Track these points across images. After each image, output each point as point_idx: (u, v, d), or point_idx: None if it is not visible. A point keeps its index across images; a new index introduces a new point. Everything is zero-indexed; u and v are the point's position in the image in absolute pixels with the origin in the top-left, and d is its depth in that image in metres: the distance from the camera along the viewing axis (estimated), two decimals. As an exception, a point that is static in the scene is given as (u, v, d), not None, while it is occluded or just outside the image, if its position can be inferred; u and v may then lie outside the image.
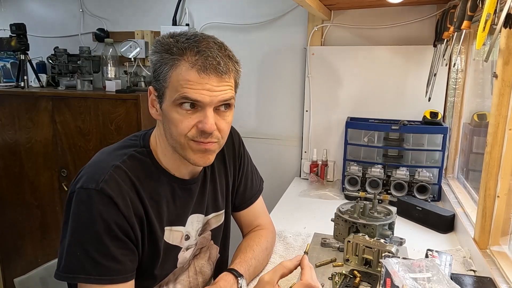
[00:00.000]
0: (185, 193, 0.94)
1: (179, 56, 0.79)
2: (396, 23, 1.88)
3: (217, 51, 0.80)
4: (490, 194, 1.09)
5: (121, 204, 0.80)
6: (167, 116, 0.82)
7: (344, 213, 1.21)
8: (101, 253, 0.78)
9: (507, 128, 1.03)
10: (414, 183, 1.66)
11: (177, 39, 0.81)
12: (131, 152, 0.88)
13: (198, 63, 0.77)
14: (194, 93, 0.78)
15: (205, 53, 0.78)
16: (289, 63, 2.10)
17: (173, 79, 0.79)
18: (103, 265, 0.78)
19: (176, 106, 0.80)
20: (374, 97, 1.93)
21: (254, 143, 2.23)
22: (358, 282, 1.00)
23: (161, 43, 0.82)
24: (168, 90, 0.81)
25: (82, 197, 0.79)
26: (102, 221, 0.78)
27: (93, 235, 0.78)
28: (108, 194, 0.79)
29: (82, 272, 0.77)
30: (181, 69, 0.78)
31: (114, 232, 0.79)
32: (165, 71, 0.80)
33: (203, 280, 1.04)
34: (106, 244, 0.78)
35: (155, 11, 2.29)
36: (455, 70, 1.77)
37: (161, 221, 0.89)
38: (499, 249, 1.09)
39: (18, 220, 2.39)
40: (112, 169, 0.82)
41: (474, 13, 1.06)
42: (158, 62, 0.81)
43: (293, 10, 2.04)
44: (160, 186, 0.89)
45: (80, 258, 0.78)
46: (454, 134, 1.82)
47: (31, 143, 2.25)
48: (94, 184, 0.79)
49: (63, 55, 2.27)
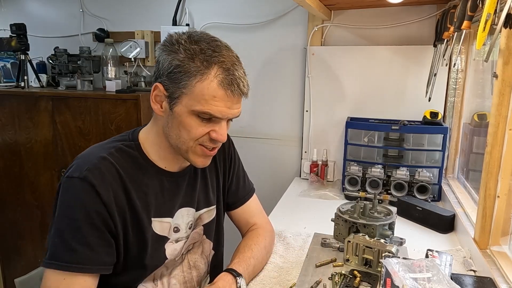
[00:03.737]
0: (173, 185, 0.96)
1: (206, 69, 0.81)
2: (396, 23, 1.88)
3: (239, 69, 0.84)
4: (490, 194, 1.09)
5: (103, 194, 0.82)
6: (180, 119, 0.85)
7: (344, 213, 1.21)
8: (76, 240, 0.80)
9: (507, 128, 1.03)
10: (414, 183, 1.66)
11: (201, 47, 0.82)
12: (119, 145, 0.91)
13: (226, 82, 0.81)
14: (217, 110, 0.82)
15: (232, 72, 0.82)
16: (289, 63, 2.10)
17: (197, 90, 0.81)
18: (77, 252, 0.80)
19: (193, 115, 0.84)
20: (374, 97, 1.93)
21: (254, 143, 2.23)
22: (358, 282, 1.00)
23: (184, 48, 0.82)
24: (187, 97, 0.82)
25: (66, 186, 0.83)
26: (81, 208, 0.80)
27: (72, 222, 0.80)
28: (91, 182, 0.81)
29: (56, 259, 0.79)
30: (207, 82, 0.81)
31: (93, 220, 0.81)
32: (188, 79, 0.81)
33: (197, 275, 1.05)
34: (83, 231, 0.80)
35: (155, 11, 2.29)
36: (455, 70, 1.77)
37: (149, 212, 0.91)
38: (499, 249, 1.09)
39: (18, 220, 2.39)
40: (98, 160, 0.85)
41: (474, 13, 1.06)
42: (177, 67, 0.82)
43: (293, 10, 2.04)
44: (148, 178, 0.91)
45: (57, 245, 0.80)
46: (454, 134, 1.82)
47: (31, 143, 2.25)
48: (78, 173, 0.82)
49: (63, 55, 2.27)
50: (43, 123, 2.20)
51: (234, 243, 1.29)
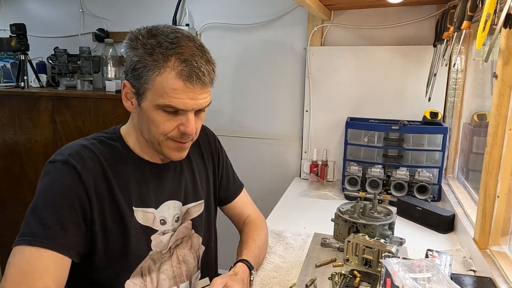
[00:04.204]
0: (156, 176, 0.97)
1: (164, 62, 0.80)
2: (396, 23, 1.88)
3: (200, 59, 0.82)
4: (490, 194, 1.09)
5: (84, 177, 0.83)
6: (147, 114, 0.86)
7: (344, 213, 1.21)
8: (50, 217, 0.80)
9: (507, 128, 1.03)
10: (414, 183, 1.66)
11: (158, 41, 0.81)
12: (100, 137, 0.93)
13: (184, 73, 0.80)
14: (179, 102, 0.82)
15: (191, 63, 0.81)
16: (289, 63, 2.10)
17: (157, 84, 0.81)
18: (48, 228, 0.79)
19: (158, 109, 0.84)
20: (374, 97, 1.93)
21: (254, 143, 2.23)
22: (358, 282, 1.00)
23: (142, 43, 0.82)
24: (151, 92, 0.83)
25: (48, 170, 0.85)
26: (61, 188, 0.82)
27: (48, 200, 0.81)
28: (73, 165, 0.83)
29: (25, 234, 0.79)
30: (166, 76, 0.81)
31: (70, 201, 0.82)
32: (148, 74, 0.82)
33: (187, 269, 1.04)
34: (59, 210, 0.81)
35: (155, 11, 2.29)
36: (455, 70, 1.77)
37: (130, 201, 0.91)
38: (499, 249, 1.09)
39: (18, 220, 2.36)
40: (79, 147, 0.87)
41: (474, 13, 1.06)
42: (139, 63, 0.82)
43: (293, 10, 2.04)
44: (130, 168, 0.93)
45: (29, 222, 0.80)
46: (454, 134, 1.82)
47: (31, 143, 2.25)
48: (60, 157, 0.84)
49: (63, 55, 2.27)
50: (43, 123, 2.20)
51: (226, 240, 1.30)
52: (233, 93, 2.22)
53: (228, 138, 2.24)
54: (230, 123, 2.26)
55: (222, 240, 1.24)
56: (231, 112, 2.25)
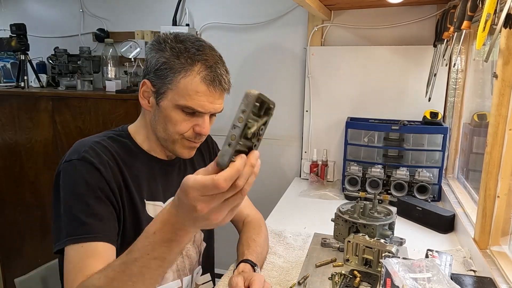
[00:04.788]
0: (163, 172, 1.02)
1: (190, 66, 0.87)
2: (396, 23, 1.88)
3: (222, 67, 0.91)
4: (490, 194, 1.09)
5: (103, 170, 0.86)
6: (166, 113, 0.90)
7: (344, 213, 1.21)
8: (85, 213, 0.82)
9: (507, 128, 1.03)
10: (414, 183, 1.66)
11: (185, 46, 0.88)
12: (110, 134, 0.97)
13: (208, 78, 0.87)
14: (200, 105, 0.88)
15: (215, 69, 0.88)
16: (289, 63, 2.10)
17: (181, 85, 0.87)
18: (88, 224, 0.81)
19: (177, 109, 0.89)
20: (374, 97, 1.93)
21: (254, 143, 2.22)
22: (358, 282, 1.00)
23: (170, 47, 0.88)
24: (173, 92, 0.88)
25: (66, 169, 0.86)
26: (85, 183, 0.84)
27: (77, 197, 0.83)
28: (90, 161, 0.86)
29: (68, 235, 0.80)
30: (191, 79, 0.87)
31: (97, 194, 0.85)
32: (173, 75, 0.87)
33: (190, 263, 1.07)
34: (90, 204, 0.83)
35: (155, 11, 2.29)
36: (455, 70, 1.77)
37: (141, 193, 0.95)
38: (499, 249, 1.09)
39: (18, 220, 2.39)
40: (93, 143, 0.90)
41: (474, 13, 1.06)
42: (164, 64, 0.88)
43: (293, 10, 2.04)
44: (139, 163, 0.96)
45: (66, 223, 0.82)
46: (454, 134, 1.82)
47: (31, 143, 2.25)
48: (76, 155, 0.86)
49: (63, 55, 2.27)
50: (43, 123, 2.20)
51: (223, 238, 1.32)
52: (233, 93, 2.21)
53: (228, 138, 2.23)
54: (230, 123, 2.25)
55: (218, 240, 1.25)
56: (231, 112, 2.24)
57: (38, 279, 1.16)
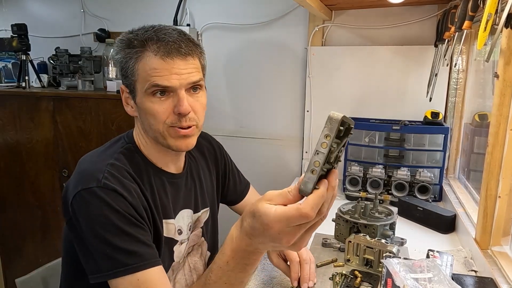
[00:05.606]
0: (174, 187, 0.96)
1: (141, 47, 0.82)
2: (397, 23, 1.88)
3: (176, 35, 0.83)
4: (491, 194, 1.09)
5: (127, 196, 0.80)
6: (143, 108, 0.85)
7: (345, 213, 1.21)
8: (129, 242, 0.77)
9: (508, 128, 1.03)
10: (415, 183, 1.66)
11: (136, 33, 0.84)
12: (120, 149, 0.89)
13: (160, 50, 0.80)
14: (163, 79, 0.81)
15: (165, 39, 0.81)
16: (290, 63, 2.10)
17: (140, 71, 0.82)
18: (136, 252, 0.77)
19: (148, 96, 0.83)
20: (375, 97, 1.93)
21: (254, 143, 2.23)
22: (359, 282, 1.00)
23: (122, 40, 0.85)
24: (138, 82, 0.84)
25: (87, 198, 0.78)
26: (115, 212, 0.77)
27: (113, 228, 0.77)
28: (113, 188, 0.78)
29: (119, 266, 0.76)
30: (145, 59, 0.81)
31: (131, 220, 0.79)
32: (131, 65, 0.83)
33: (198, 277, 1.04)
34: (130, 232, 0.78)
35: (156, 11, 2.29)
36: (456, 70, 1.77)
37: (159, 213, 0.90)
38: (500, 249, 1.09)
39: (19, 220, 2.39)
40: (109, 167, 0.82)
41: (475, 13, 1.06)
42: (123, 59, 0.84)
43: (294, 10, 2.04)
44: (152, 179, 0.91)
45: (111, 254, 0.76)
46: (455, 134, 1.81)
47: (32, 143, 2.25)
48: (95, 182, 0.78)
49: (64, 55, 2.28)
50: (44, 123, 2.20)
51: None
52: (233, 93, 2.22)
53: (229, 138, 2.24)
54: (230, 123, 2.26)
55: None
56: (231, 112, 2.25)
57: (38, 279, 1.16)
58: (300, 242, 0.55)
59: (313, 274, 0.98)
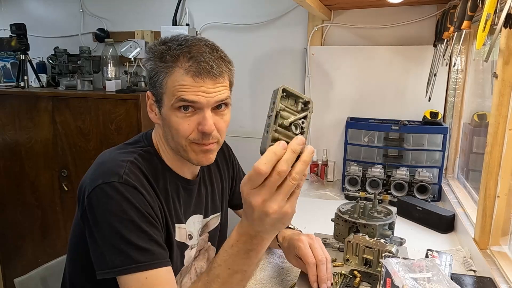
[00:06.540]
0: (187, 193, 0.97)
1: (173, 63, 0.81)
2: (396, 23, 1.88)
3: (209, 55, 0.82)
4: (490, 194, 1.09)
5: (145, 194, 0.82)
6: (167, 120, 0.85)
7: (344, 213, 1.21)
8: (143, 239, 0.78)
9: (507, 128, 1.03)
10: (414, 183, 1.66)
11: (169, 46, 0.83)
12: (139, 151, 0.90)
13: (192, 69, 0.80)
14: (190, 95, 0.81)
15: (198, 58, 0.81)
16: (289, 63, 2.10)
17: (169, 85, 0.82)
18: (149, 250, 0.78)
19: (174, 110, 0.83)
20: (374, 97, 1.93)
21: (254, 143, 2.22)
22: (358, 282, 1.00)
23: (154, 51, 0.84)
24: (166, 95, 0.84)
25: (107, 192, 0.79)
26: (134, 208, 0.78)
27: (130, 223, 0.77)
28: (133, 185, 0.80)
29: (131, 262, 0.76)
30: (175, 75, 0.81)
31: (148, 218, 0.80)
32: (161, 78, 0.83)
33: None
34: (146, 229, 0.79)
35: (155, 11, 2.29)
36: (455, 70, 1.77)
37: (172, 217, 0.91)
38: (499, 249, 1.09)
39: (19, 220, 2.39)
40: (129, 164, 0.83)
41: (474, 13, 1.06)
42: (153, 70, 0.84)
43: (293, 10, 2.04)
44: (168, 184, 0.91)
45: (124, 250, 0.76)
46: (454, 134, 1.82)
47: (32, 143, 2.25)
48: (116, 177, 0.80)
49: (63, 55, 2.28)
50: (43, 123, 2.20)
51: None
52: (233, 93, 2.22)
53: (228, 138, 2.22)
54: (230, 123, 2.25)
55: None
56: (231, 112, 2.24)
57: (38, 279, 1.16)
58: (272, 205, 0.57)
59: (330, 274, 0.98)
